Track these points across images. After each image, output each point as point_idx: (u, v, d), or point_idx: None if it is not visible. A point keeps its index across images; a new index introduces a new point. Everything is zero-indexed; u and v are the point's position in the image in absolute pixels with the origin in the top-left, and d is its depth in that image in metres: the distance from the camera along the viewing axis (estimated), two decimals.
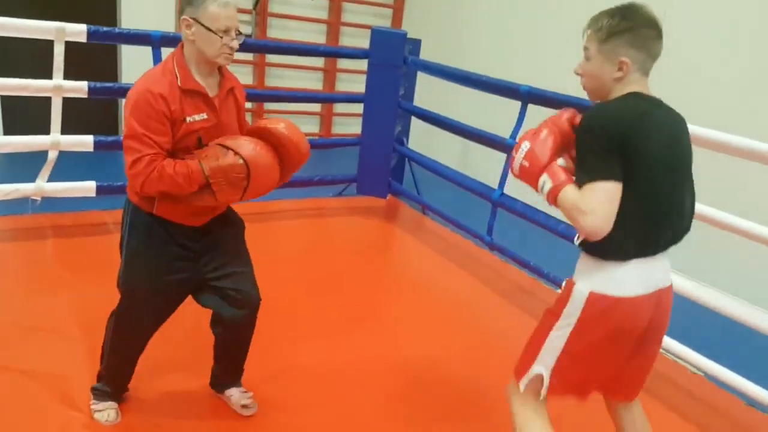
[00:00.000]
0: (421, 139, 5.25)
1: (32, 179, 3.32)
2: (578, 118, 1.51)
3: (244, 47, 6.56)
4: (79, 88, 3.23)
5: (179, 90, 1.69)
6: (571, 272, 1.56)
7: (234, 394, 2.13)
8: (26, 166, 3.46)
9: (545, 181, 1.47)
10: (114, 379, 2.00)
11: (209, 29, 1.67)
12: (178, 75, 1.70)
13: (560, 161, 1.51)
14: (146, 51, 3.38)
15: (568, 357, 1.50)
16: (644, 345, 1.54)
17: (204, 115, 1.74)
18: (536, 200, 3.49)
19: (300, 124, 6.89)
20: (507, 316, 3.16)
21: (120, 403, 2.02)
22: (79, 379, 2.13)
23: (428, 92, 5.05)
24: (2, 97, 4.73)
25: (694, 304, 2.59)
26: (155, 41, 3.37)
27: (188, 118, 1.71)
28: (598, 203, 1.37)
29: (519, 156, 1.54)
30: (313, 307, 2.93)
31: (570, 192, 1.42)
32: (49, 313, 2.55)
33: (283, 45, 5.56)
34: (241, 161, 1.67)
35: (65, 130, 3.30)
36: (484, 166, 4.91)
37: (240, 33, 1.74)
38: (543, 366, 1.52)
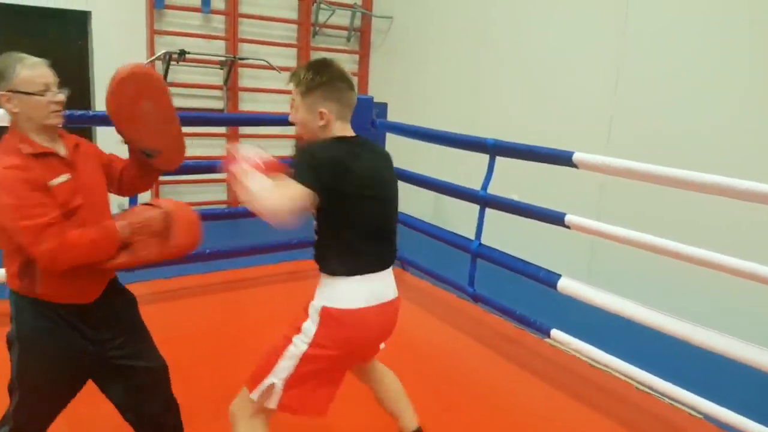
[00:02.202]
0: None
1: None
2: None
3: (216, 121, 6.64)
4: None
5: (31, 158, 1.58)
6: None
7: None
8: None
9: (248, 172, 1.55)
10: None
11: (29, 93, 1.60)
12: (21, 147, 1.59)
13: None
14: None
15: (303, 368, 1.65)
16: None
17: (66, 176, 1.62)
18: (515, 248, 3.59)
19: None
20: (494, 368, 3.15)
21: None
22: None
23: (397, 151, 5.18)
24: None
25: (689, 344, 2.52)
26: None
27: (51, 183, 1.58)
28: (284, 194, 1.51)
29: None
30: None
31: (259, 178, 1.53)
32: None
33: (251, 117, 5.75)
34: (161, 211, 1.63)
35: None
36: (455, 217, 5.01)
37: (62, 87, 1.68)
38: (277, 377, 1.65)
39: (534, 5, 5.17)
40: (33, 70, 1.62)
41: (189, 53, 5.71)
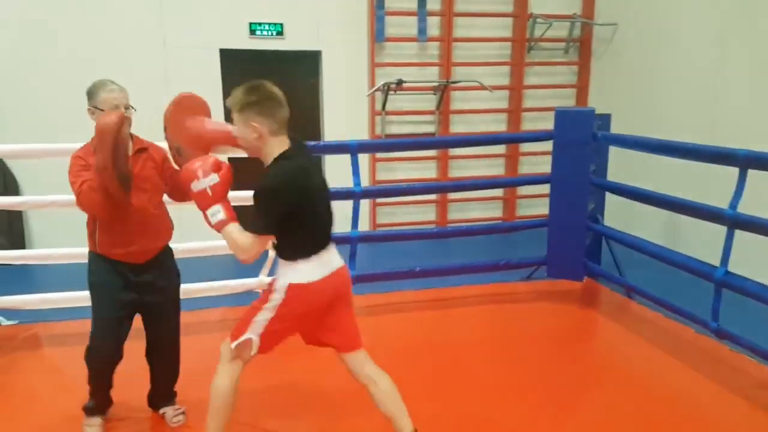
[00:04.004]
0: (619, 215, 4.88)
1: (255, 274, 3.79)
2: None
3: (424, 145, 6.95)
4: None
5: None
6: None
7: (168, 411, 2.60)
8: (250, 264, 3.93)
9: (219, 211, 2.01)
10: (96, 395, 2.47)
11: (102, 110, 2.22)
12: (92, 144, 2.22)
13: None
14: (346, 158, 3.87)
15: (271, 329, 2.06)
16: (335, 311, 2.14)
17: None
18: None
19: (483, 210, 6.93)
20: (746, 421, 2.61)
21: (105, 417, 2.53)
22: None
23: (619, 165, 4.74)
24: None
25: None
26: (353, 149, 3.87)
27: None
28: (254, 248, 1.99)
29: (206, 182, 2.00)
30: (501, 405, 2.75)
31: (235, 229, 2.00)
32: None
33: (458, 138, 5.87)
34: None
35: None
36: (694, 241, 4.36)
37: (129, 107, 2.28)
38: (253, 334, 2.07)
39: None
40: (109, 93, 2.25)
41: (405, 81, 6.00)
